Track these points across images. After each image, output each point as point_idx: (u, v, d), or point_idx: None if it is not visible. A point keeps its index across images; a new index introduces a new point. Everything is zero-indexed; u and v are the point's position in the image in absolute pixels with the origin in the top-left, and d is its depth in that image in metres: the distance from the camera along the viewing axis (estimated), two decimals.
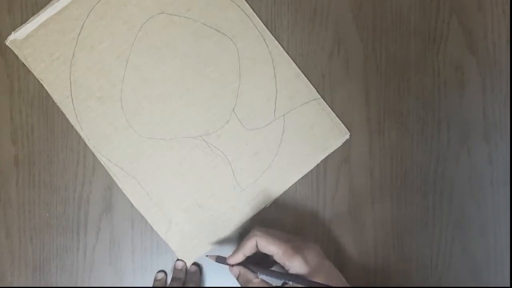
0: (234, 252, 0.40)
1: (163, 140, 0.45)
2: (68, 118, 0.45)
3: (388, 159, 0.46)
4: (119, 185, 0.45)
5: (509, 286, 0.46)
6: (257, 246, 0.39)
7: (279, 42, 0.46)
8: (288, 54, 0.46)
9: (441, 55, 0.47)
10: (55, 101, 0.45)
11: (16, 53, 0.45)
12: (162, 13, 0.46)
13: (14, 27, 0.45)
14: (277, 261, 0.38)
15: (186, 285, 0.44)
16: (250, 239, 0.39)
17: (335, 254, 0.46)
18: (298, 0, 0.47)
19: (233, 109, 0.46)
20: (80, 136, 0.45)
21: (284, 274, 0.38)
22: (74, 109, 0.45)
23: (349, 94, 0.46)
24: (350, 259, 0.46)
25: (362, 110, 0.46)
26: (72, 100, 0.45)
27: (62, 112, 0.46)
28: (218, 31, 0.46)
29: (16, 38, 0.45)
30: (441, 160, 0.46)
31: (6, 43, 0.45)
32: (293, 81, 0.46)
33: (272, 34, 0.46)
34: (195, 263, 0.46)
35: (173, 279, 0.44)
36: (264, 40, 0.46)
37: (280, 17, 0.46)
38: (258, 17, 0.46)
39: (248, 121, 0.46)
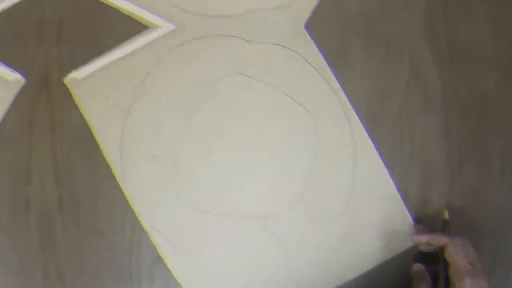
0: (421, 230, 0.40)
1: (215, 215, 0.40)
2: (114, 171, 0.41)
3: (469, 200, 0.43)
4: (160, 251, 0.40)
5: None
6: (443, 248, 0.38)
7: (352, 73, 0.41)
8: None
9: None
10: (103, 149, 0.41)
11: (72, 92, 0.41)
12: (239, 74, 0.41)
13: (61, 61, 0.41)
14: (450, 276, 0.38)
15: None
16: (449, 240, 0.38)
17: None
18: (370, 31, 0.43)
19: (301, 193, 0.40)
20: None
21: None
22: (122, 163, 0.40)
23: (428, 129, 0.43)
24: None
25: (442, 147, 0.43)
26: (121, 152, 0.40)
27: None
28: (299, 104, 0.41)
29: (76, 76, 0.41)
30: None
31: (64, 81, 0.41)
32: (372, 172, 0.41)
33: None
34: None
35: None
36: (348, 121, 0.41)
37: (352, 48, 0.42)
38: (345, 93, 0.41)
39: (315, 209, 0.41)
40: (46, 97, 0.41)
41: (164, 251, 0.40)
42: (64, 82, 0.41)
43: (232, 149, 0.41)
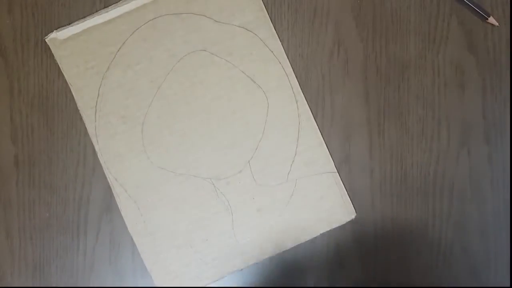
0: None
1: (173, 173, 0.45)
2: (87, 128, 0.46)
3: (388, 160, 0.46)
4: (119, 205, 0.45)
5: (509, 286, 0.45)
6: None
7: (281, 43, 0.46)
8: (288, 56, 0.45)
9: (441, 55, 0.47)
10: (79, 108, 0.46)
11: (52, 52, 0.45)
12: (205, 50, 0.45)
13: (15, 27, 0.45)
14: None
15: None
16: None
17: (334, 253, 0.46)
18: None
19: (249, 161, 0.45)
20: (80, 137, 0.46)
21: None
22: (95, 121, 0.45)
23: (349, 94, 0.46)
24: (350, 258, 0.46)
25: (362, 110, 0.46)
26: (96, 111, 0.45)
27: (62, 113, 0.46)
28: (254, 82, 0.45)
29: (56, 37, 0.45)
30: (441, 161, 0.46)
31: (45, 40, 0.45)
32: (314, 148, 0.46)
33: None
34: None
35: None
36: (296, 102, 0.45)
37: (280, 17, 0.46)
38: (296, 77, 0.46)
39: (260, 176, 0.45)
40: (2, 63, 0.46)
41: (123, 204, 0.45)
42: (46, 41, 0.45)
43: (193, 116, 0.46)
